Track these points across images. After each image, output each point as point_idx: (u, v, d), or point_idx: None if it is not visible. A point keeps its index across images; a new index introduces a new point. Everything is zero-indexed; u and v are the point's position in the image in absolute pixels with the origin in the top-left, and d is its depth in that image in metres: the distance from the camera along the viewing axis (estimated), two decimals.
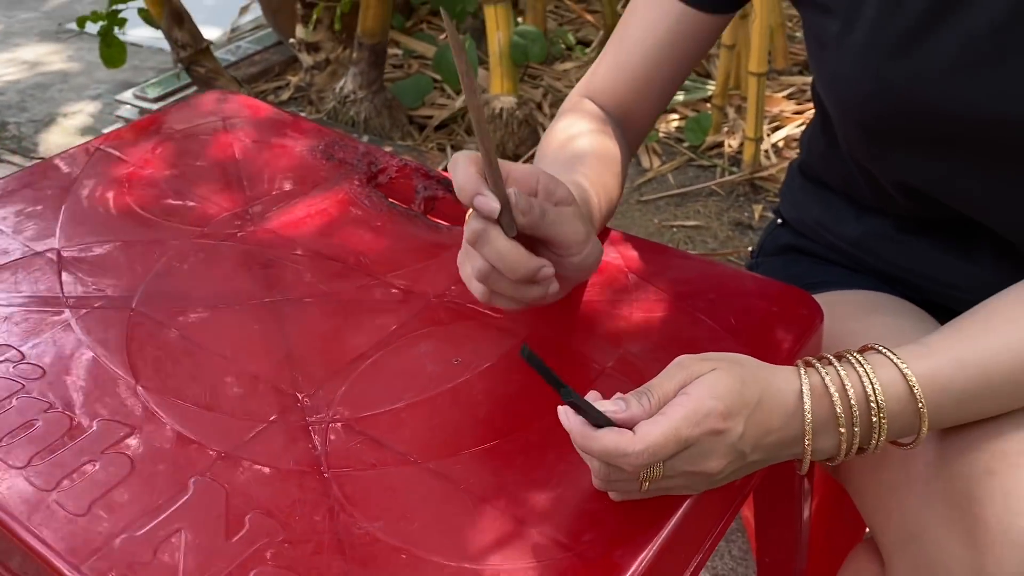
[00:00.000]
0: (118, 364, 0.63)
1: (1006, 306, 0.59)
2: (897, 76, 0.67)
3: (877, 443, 0.55)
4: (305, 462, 0.56)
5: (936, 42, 0.65)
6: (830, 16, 0.70)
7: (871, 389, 0.53)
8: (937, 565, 0.59)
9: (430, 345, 0.65)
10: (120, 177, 0.86)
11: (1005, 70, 0.64)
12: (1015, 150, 0.67)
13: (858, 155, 0.79)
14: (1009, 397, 0.58)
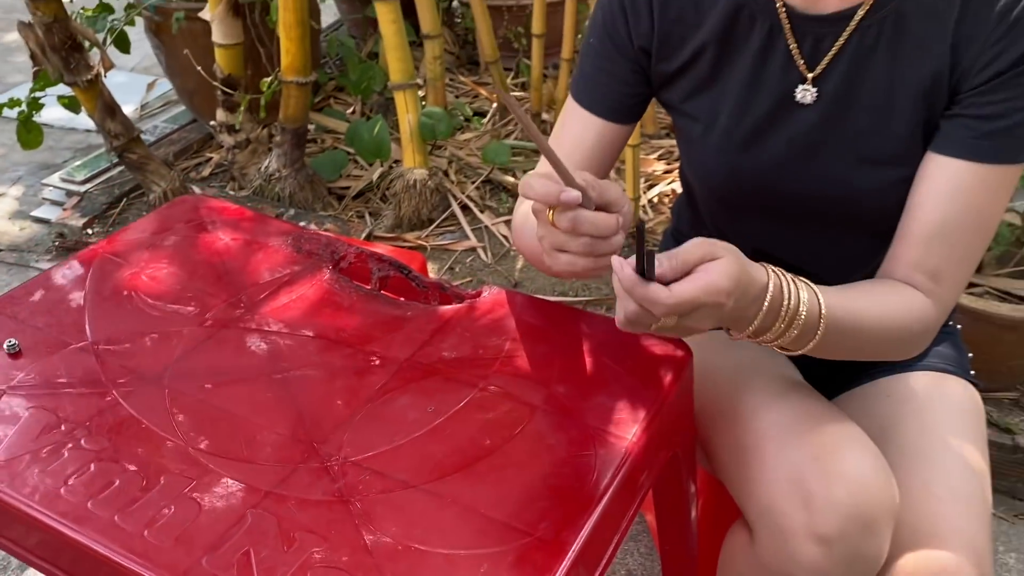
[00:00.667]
0: (168, 430, 0.81)
1: (869, 288, 0.85)
2: (744, 166, 0.92)
3: (787, 338, 0.78)
4: (330, 493, 0.75)
5: (770, 142, 0.91)
6: (696, 122, 0.95)
7: (805, 295, 0.77)
8: (784, 528, 0.82)
9: (408, 398, 0.85)
10: (126, 278, 1.02)
11: (817, 162, 0.90)
12: (830, 218, 0.93)
13: (718, 223, 1.04)
14: (865, 342, 0.83)
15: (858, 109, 0.87)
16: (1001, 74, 0.80)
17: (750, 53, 0.89)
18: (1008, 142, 0.82)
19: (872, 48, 0.85)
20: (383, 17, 1.95)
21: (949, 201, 0.84)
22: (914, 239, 0.85)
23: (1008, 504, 1.55)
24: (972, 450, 0.93)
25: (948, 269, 0.85)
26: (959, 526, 0.86)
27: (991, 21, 0.79)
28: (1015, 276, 1.61)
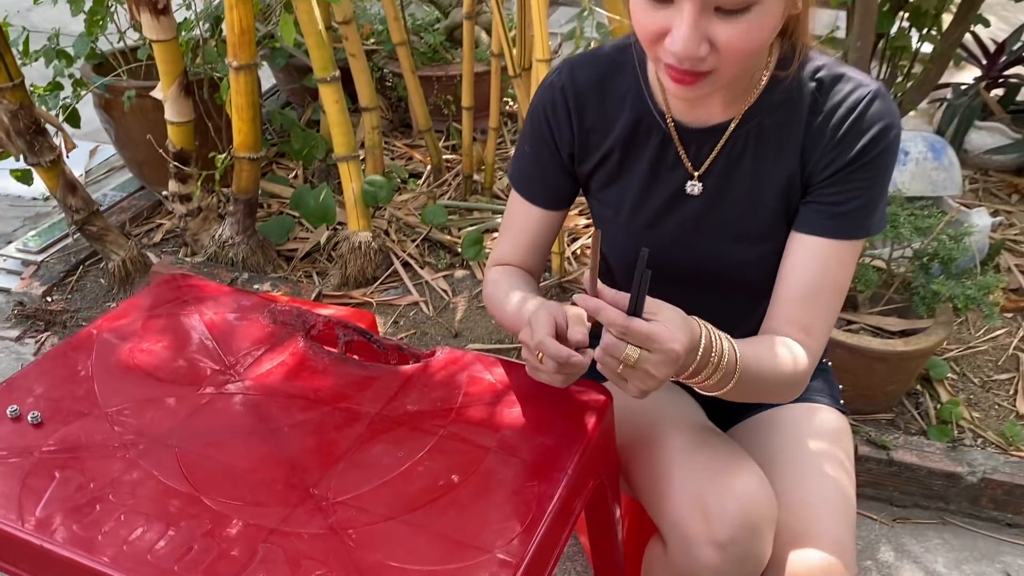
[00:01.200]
0: (182, 483, 0.96)
1: (769, 343, 1.03)
2: (646, 244, 1.13)
3: (709, 383, 0.95)
4: (325, 527, 0.91)
5: (666, 225, 1.12)
6: (607, 207, 1.16)
7: (727, 346, 0.95)
8: (689, 537, 1.02)
9: (381, 446, 1.02)
10: (127, 352, 1.17)
11: (704, 240, 1.11)
12: (714, 283, 1.14)
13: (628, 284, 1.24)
14: (765, 386, 1.02)
15: (734, 199, 1.09)
16: (838, 172, 1.03)
17: (648, 155, 1.10)
18: (849, 223, 1.05)
19: (741, 153, 1.07)
20: (327, 98, 2.12)
21: (810, 269, 1.05)
22: (787, 301, 1.06)
23: (888, 510, 1.79)
24: (838, 466, 1.15)
25: (816, 323, 1.06)
26: (827, 526, 1.06)
27: (827, 134, 1.02)
28: (885, 313, 1.86)
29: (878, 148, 1.01)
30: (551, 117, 1.12)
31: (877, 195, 1.04)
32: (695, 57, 0.89)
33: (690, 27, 0.88)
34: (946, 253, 1.75)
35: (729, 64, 0.92)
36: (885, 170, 1.04)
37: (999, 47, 2.98)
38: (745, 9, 0.87)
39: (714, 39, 0.89)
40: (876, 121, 1.01)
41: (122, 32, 2.67)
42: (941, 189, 2.26)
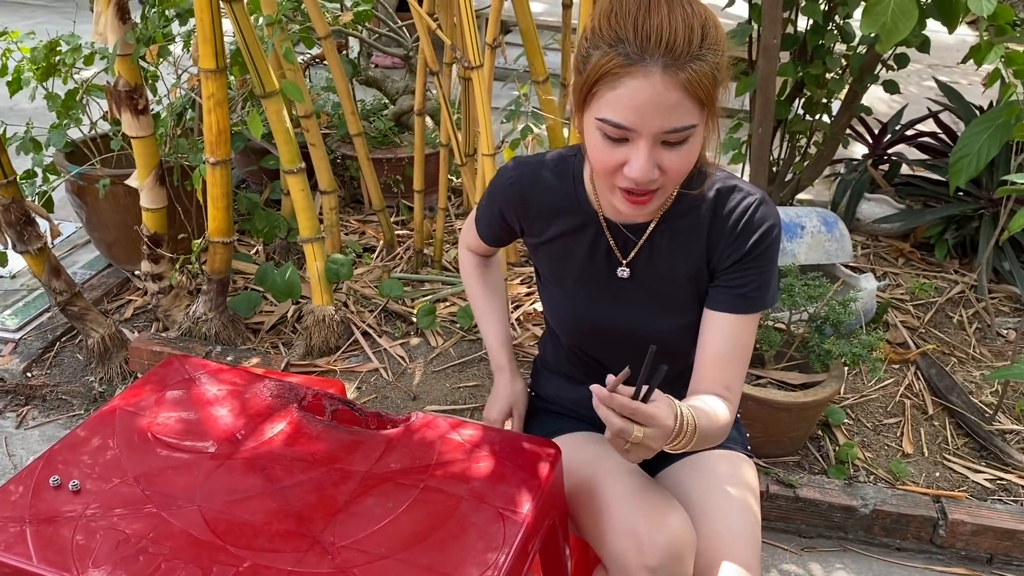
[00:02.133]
0: (209, 535, 1.15)
1: (711, 403, 1.24)
2: (585, 317, 1.38)
3: (683, 437, 1.13)
4: (333, 567, 1.10)
5: (602, 303, 1.36)
6: (552, 285, 1.40)
7: (687, 413, 1.14)
8: (626, 565, 1.24)
9: (373, 499, 1.22)
10: (144, 426, 1.35)
11: (632, 315, 1.35)
12: (642, 348, 1.38)
13: (573, 348, 1.48)
14: (708, 439, 1.22)
15: (655, 282, 1.34)
16: (737, 262, 1.28)
17: (585, 245, 1.34)
18: (749, 300, 1.29)
19: (659, 247, 1.32)
20: (294, 186, 2.34)
21: (724, 339, 1.29)
22: (708, 366, 1.30)
23: (796, 541, 2.04)
24: (745, 502, 1.39)
25: (732, 381, 1.30)
26: (736, 552, 1.30)
27: (726, 234, 1.27)
28: (788, 369, 2.14)
29: (766, 243, 1.27)
30: (504, 202, 1.38)
31: (768, 277, 1.30)
32: (650, 180, 1.14)
33: (646, 159, 1.12)
34: (835, 316, 2.04)
35: (672, 182, 1.17)
36: (772, 259, 1.30)
37: (883, 128, 3.36)
38: (684, 141, 1.13)
39: (662, 165, 1.14)
40: (763, 222, 1.27)
41: (93, 122, 2.84)
42: (834, 257, 2.58)
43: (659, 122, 1.08)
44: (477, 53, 2.09)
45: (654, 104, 1.07)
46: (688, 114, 1.09)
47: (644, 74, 1.06)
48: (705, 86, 1.08)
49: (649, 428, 1.08)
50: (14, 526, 1.16)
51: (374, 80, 3.37)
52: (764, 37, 2.65)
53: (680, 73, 1.06)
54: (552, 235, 1.36)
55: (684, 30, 1.05)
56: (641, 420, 1.07)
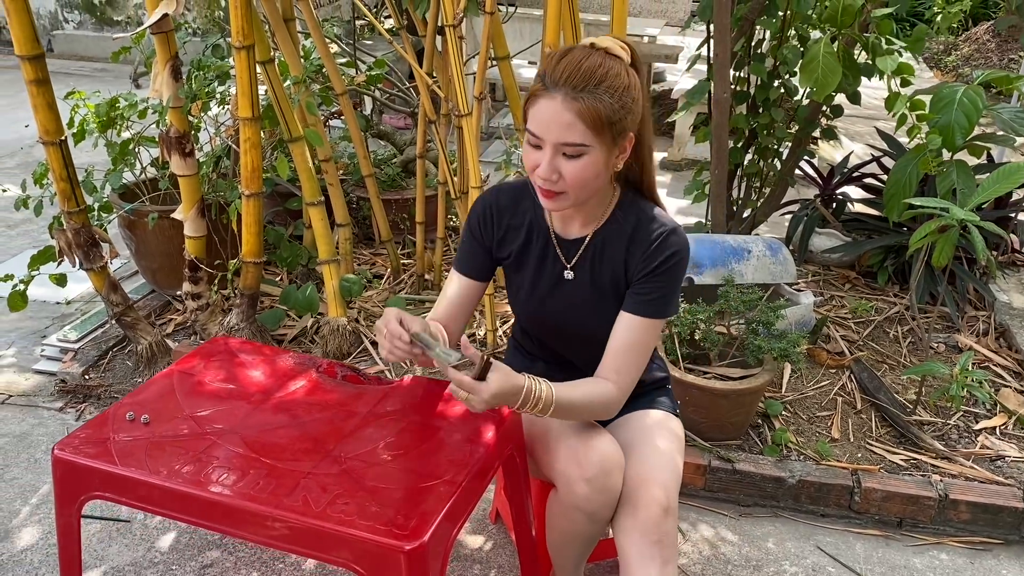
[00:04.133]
0: (247, 451, 1.50)
1: (583, 383, 1.57)
2: (539, 313, 1.73)
3: (536, 409, 1.48)
4: (340, 470, 1.45)
5: (552, 300, 1.71)
6: (513, 285, 1.76)
7: (545, 389, 1.48)
8: (569, 477, 1.57)
9: (371, 429, 1.57)
10: (196, 382, 1.72)
11: (575, 312, 1.69)
12: (582, 339, 1.72)
13: (532, 335, 1.84)
14: (578, 412, 1.56)
15: (591, 284, 1.68)
16: (645, 276, 1.60)
17: (537, 254, 1.70)
18: (651, 307, 1.60)
19: (594, 256, 1.66)
20: (314, 216, 2.73)
21: (624, 334, 1.61)
22: (609, 353, 1.61)
23: (734, 508, 2.36)
24: (667, 443, 1.72)
25: (624, 369, 1.60)
26: (655, 475, 1.62)
27: (640, 250, 1.60)
28: (730, 366, 2.48)
29: (670, 263, 1.59)
30: (481, 223, 1.72)
31: (669, 292, 1.61)
32: (551, 180, 1.49)
33: (548, 162, 1.47)
34: (766, 318, 2.39)
35: (573, 188, 1.50)
36: (675, 278, 1.60)
37: (831, 171, 3.75)
38: (579, 156, 1.48)
39: (561, 171, 1.48)
40: (669, 247, 1.59)
41: (143, 167, 3.27)
42: (778, 278, 2.94)
43: (557, 134, 1.44)
44: (466, 104, 2.49)
45: (555, 120, 1.43)
46: (579, 134, 1.43)
47: (550, 97, 1.43)
48: (596, 117, 1.42)
49: (473, 395, 1.41)
50: (102, 444, 1.52)
51: (385, 133, 3.80)
52: (716, 92, 3.06)
53: (575, 102, 1.41)
54: (514, 248, 1.70)
55: (585, 72, 1.42)
56: (467, 389, 1.40)
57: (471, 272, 1.72)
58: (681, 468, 1.72)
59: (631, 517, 1.58)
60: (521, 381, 1.46)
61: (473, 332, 2.97)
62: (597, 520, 1.60)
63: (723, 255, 2.87)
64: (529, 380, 1.47)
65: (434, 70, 2.88)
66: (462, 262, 1.74)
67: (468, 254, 1.73)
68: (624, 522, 1.59)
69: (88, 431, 1.55)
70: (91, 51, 8.01)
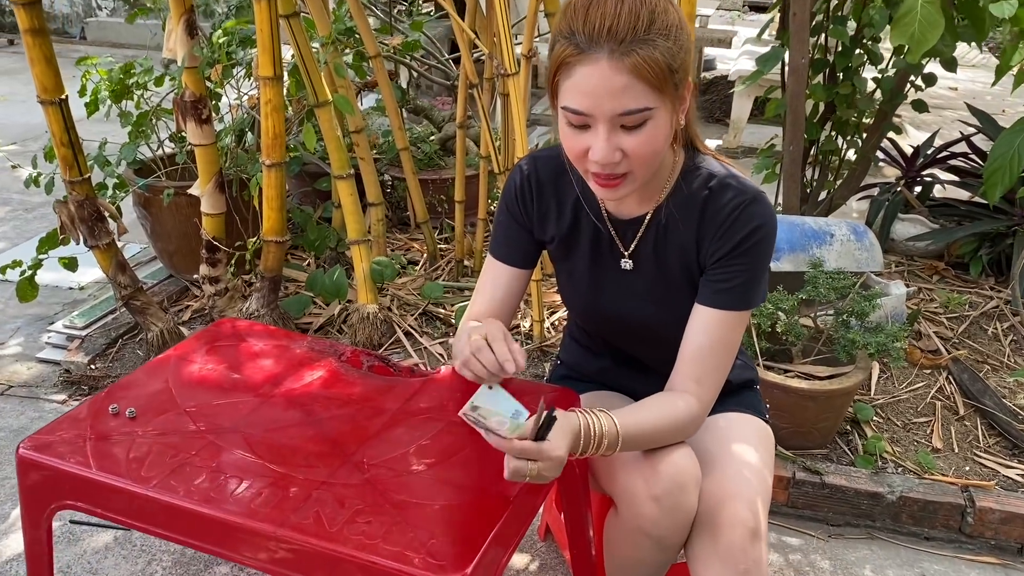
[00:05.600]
0: (251, 456, 1.23)
1: (652, 401, 1.29)
2: (593, 305, 1.44)
3: (601, 450, 1.21)
4: (363, 480, 1.18)
5: (607, 291, 1.41)
6: (563, 273, 1.47)
7: (606, 422, 1.20)
8: (633, 494, 1.29)
9: (402, 430, 1.30)
10: (196, 370, 1.46)
11: (634, 305, 1.41)
12: (644, 336, 1.43)
13: (588, 331, 1.56)
14: (651, 439, 1.27)
15: (655, 273, 1.39)
16: (722, 258, 1.31)
17: (589, 239, 1.41)
18: (732, 297, 1.31)
19: (656, 238, 1.36)
20: (343, 191, 2.47)
21: (703, 333, 1.32)
22: (685, 360, 1.32)
23: (823, 528, 2.05)
24: (754, 455, 1.42)
25: (706, 377, 1.31)
26: (741, 491, 1.32)
27: (714, 230, 1.31)
28: (815, 363, 2.17)
29: (752, 241, 1.29)
30: (518, 196, 1.43)
31: (755, 277, 1.32)
32: (612, 163, 1.20)
33: (605, 141, 1.17)
34: (859, 308, 2.08)
35: (640, 165, 1.21)
36: (759, 257, 1.31)
37: (915, 151, 3.40)
38: (642, 124, 1.18)
39: (624, 148, 1.19)
40: (751, 220, 1.29)
41: (161, 141, 3.04)
42: (864, 266, 2.61)
43: (611, 105, 1.14)
44: (512, 62, 2.22)
45: (604, 89, 1.13)
46: (640, 97, 1.14)
47: (592, 61, 1.13)
48: (656, 70, 1.13)
49: (542, 462, 1.12)
50: (76, 442, 1.26)
51: (421, 108, 3.54)
52: (792, 58, 2.74)
53: (626, 58, 1.11)
54: (558, 231, 1.42)
55: (628, 17, 1.12)
56: (533, 456, 1.11)
57: (511, 258, 1.45)
58: (771, 484, 1.42)
59: (710, 543, 1.30)
60: (575, 421, 1.19)
61: (516, 324, 2.69)
62: (667, 547, 1.32)
63: (803, 239, 2.55)
64: (583, 416, 1.20)
65: (476, 26, 2.60)
66: (500, 246, 1.46)
67: (506, 237, 1.45)
68: (701, 549, 1.31)
69: (63, 426, 1.30)
70: (124, 38, 7.89)
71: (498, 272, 1.46)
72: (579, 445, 1.18)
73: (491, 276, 1.46)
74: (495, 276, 1.46)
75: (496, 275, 1.46)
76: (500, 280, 1.45)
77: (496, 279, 1.46)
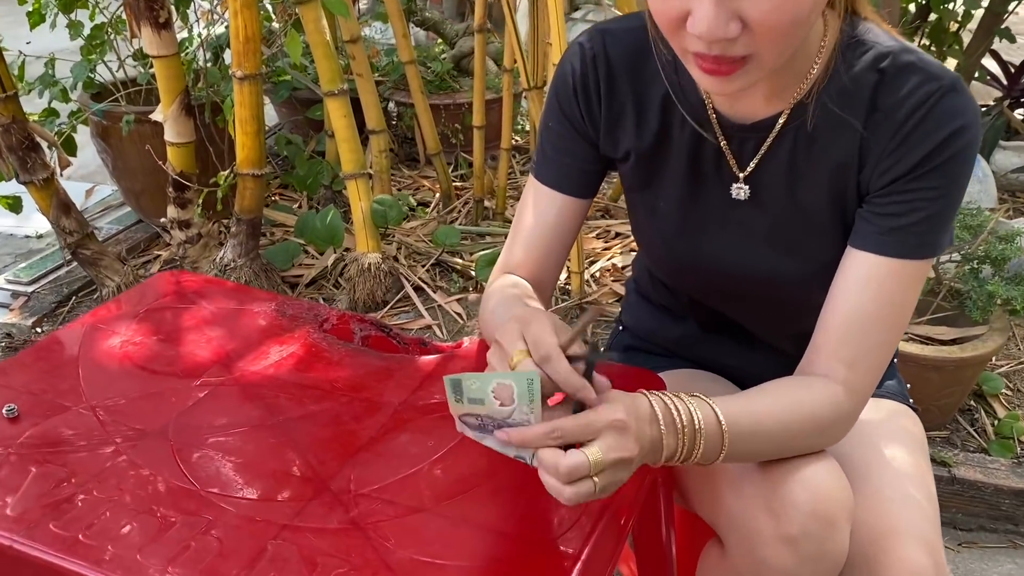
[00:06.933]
0: (178, 478, 0.83)
1: (773, 387, 0.88)
2: (683, 251, 1.01)
3: (697, 454, 0.80)
4: (345, 521, 0.78)
5: (709, 233, 0.99)
6: (640, 208, 1.04)
7: (693, 407, 0.79)
8: (752, 532, 0.88)
9: (407, 436, 0.89)
10: (117, 345, 1.05)
11: (747, 251, 0.98)
12: (757, 296, 1.02)
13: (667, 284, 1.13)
14: (768, 442, 0.86)
15: (784, 206, 0.95)
16: (899, 179, 0.88)
17: (686, 154, 0.97)
18: (909, 239, 0.88)
19: (791, 152, 0.93)
20: (334, 112, 2.04)
21: (862, 292, 0.89)
22: (832, 330, 0.90)
23: (951, 534, 1.64)
24: (914, 461, 1.01)
25: (863, 357, 0.89)
26: (911, 521, 0.92)
27: (888, 134, 0.87)
28: (933, 323, 1.74)
29: (948, 153, 0.86)
30: (577, 89, 0.99)
31: (945, 208, 0.88)
32: (724, 38, 0.76)
33: (712, 6, 0.75)
34: (998, 254, 1.64)
35: (768, 44, 0.78)
36: (956, 179, 0.88)
37: (1020, 67, 2.92)
38: None
39: (745, 16, 0.76)
40: (947, 121, 0.85)
41: (122, 60, 2.60)
42: (977, 201, 2.17)
43: None
44: None
45: None
46: None
47: None
48: None
49: (600, 442, 0.72)
50: None
51: (431, 22, 3.07)
52: None
53: None
54: (639, 142, 0.98)
55: None
56: (577, 436, 0.73)
57: (563, 183, 1.02)
58: (937, 504, 1.01)
59: None
60: (646, 406, 0.79)
61: None
62: None
63: None
64: (661, 400, 0.80)
65: None
66: (547, 165, 1.04)
67: (557, 151, 1.03)
68: None
69: None
70: None
71: (544, 202, 1.03)
72: (659, 444, 0.78)
73: (534, 208, 1.04)
74: (540, 208, 1.03)
75: (542, 207, 1.03)
76: (547, 214, 1.03)
77: (542, 213, 1.03)
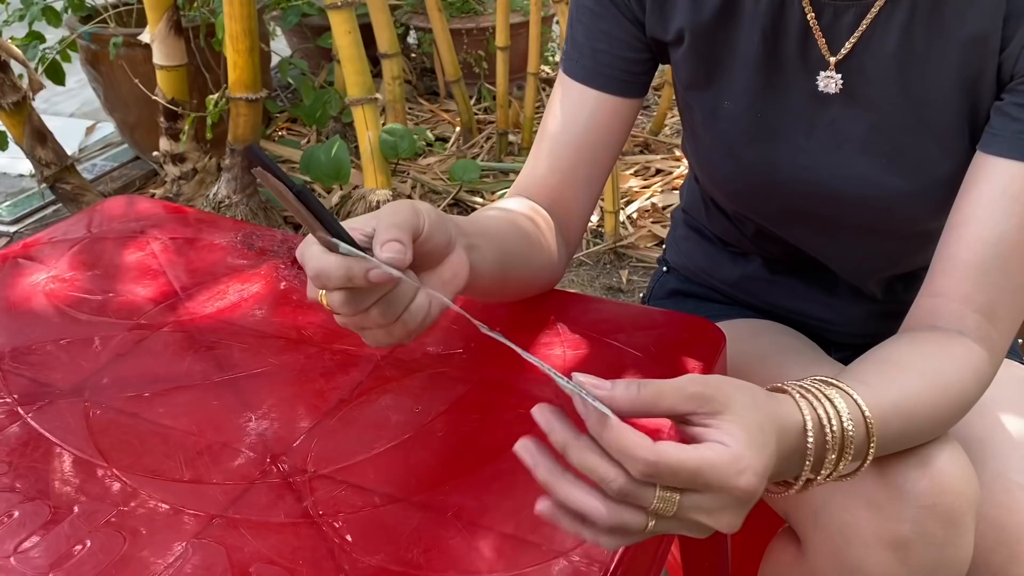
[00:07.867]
0: (85, 451, 0.64)
1: (912, 358, 0.66)
2: (755, 162, 0.79)
3: (846, 457, 0.57)
4: (296, 514, 0.58)
5: (786, 137, 0.76)
6: (697, 108, 0.81)
7: (848, 426, 0.56)
8: (845, 529, 0.67)
9: (389, 399, 0.69)
10: (41, 283, 0.86)
11: (841, 161, 0.76)
12: (853, 222, 0.80)
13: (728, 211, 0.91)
14: (912, 440, 0.65)
15: (891, 99, 0.73)
16: None
17: (758, 31, 0.74)
18: None
19: (903, 30, 0.70)
20: (338, 28, 1.82)
21: (1003, 213, 0.67)
22: (963, 267, 0.68)
23: None
24: None
25: (1004, 303, 0.68)
26: None
27: None
28: None
29: None
30: None
31: None
32: None
33: None
34: None
35: None
36: None
37: None
38: None
39: None
40: None
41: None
42: None
43: None
44: None
45: None
46: None
47: None
48: None
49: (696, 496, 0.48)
50: None
51: None
52: None
53: None
54: (698, 20, 0.76)
55: None
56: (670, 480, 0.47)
57: (601, 77, 0.80)
58: None
59: None
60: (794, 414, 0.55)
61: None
62: None
63: None
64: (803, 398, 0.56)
65: None
66: (581, 55, 0.81)
67: (591, 33, 0.80)
68: None
69: None
70: None
71: (577, 102, 0.81)
72: (784, 476, 0.56)
73: (562, 112, 0.81)
74: (568, 111, 0.81)
75: (574, 107, 0.81)
76: (580, 116, 0.80)
77: (570, 117, 0.81)
